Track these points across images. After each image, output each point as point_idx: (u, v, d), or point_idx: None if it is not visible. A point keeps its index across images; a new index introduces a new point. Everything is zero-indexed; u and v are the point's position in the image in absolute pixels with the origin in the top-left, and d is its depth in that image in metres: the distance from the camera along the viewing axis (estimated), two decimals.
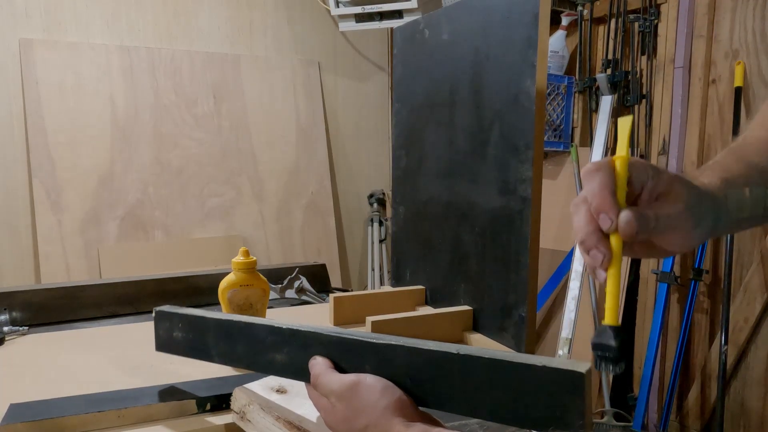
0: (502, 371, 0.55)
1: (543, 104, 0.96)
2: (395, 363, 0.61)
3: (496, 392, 0.55)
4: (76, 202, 2.41)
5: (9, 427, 0.72)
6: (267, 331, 0.70)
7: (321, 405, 0.64)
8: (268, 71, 2.86)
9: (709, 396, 2.24)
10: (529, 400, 0.54)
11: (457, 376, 0.58)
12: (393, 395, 0.60)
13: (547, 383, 0.52)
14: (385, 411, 0.59)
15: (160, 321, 0.83)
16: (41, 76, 2.39)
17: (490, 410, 0.56)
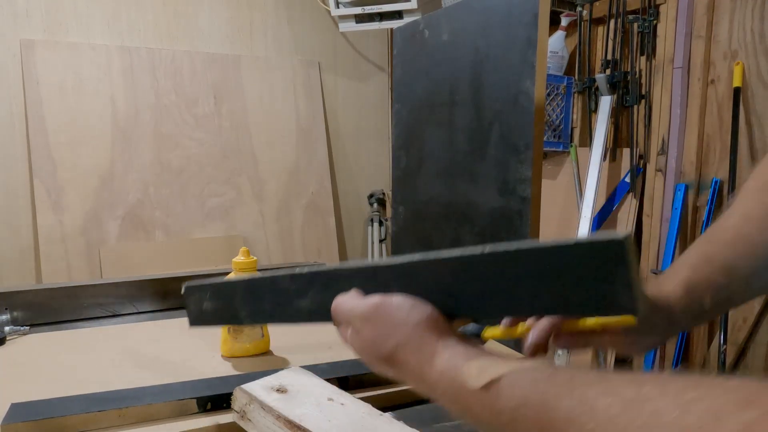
0: (534, 261, 0.50)
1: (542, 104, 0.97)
2: (421, 280, 0.57)
3: (532, 284, 0.51)
4: (76, 202, 2.41)
5: (10, 426, 0.72)
6: (289, 279, 0.68)
7: (347, 335, 0.60)
8: (269, 71, 2.86)
9: None
10: (569, 284, 0.49)
11: (489, 278, 0.53)
12: (424, 311, 0.55)
13: (586, 260, 0.47)
14: (416, 327, 0.54)
15: (190, 295, 0.81)
16: (42, 76, 2.40)
17: (530, 305, 0.52)
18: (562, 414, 0.39)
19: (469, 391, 0.47)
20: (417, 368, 0.53)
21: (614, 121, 2.46)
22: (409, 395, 0.86)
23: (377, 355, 0.57)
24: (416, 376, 0.53)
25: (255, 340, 1.01)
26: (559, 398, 0.40)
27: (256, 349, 1.01)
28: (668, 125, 2.29)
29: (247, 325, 0.76)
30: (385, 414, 0.73)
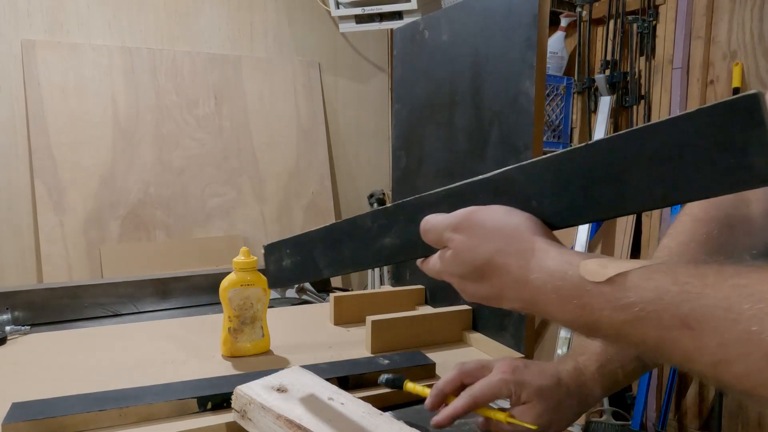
0: (644, 141, 0.43)
1: (542, 105, 0.97)
2: (516, 190, 0.51)
3: (647, 169, 0.44)
4: (78, 202, 2.42)
5: (11, 425, 0.72)
6: (371, 218, 0.64)
7: (436, 259, 0.56)
8: (269, 72, 2.86)
9: (707, 395, 2.25)
10: (693, 159, 0.41)
11: (596, 172, 0.46)
12: (521, 214, 0.50)
13: (711, 127, 0.40)
14: (515, 230, 0.49)
15: (269, 255, 0.80)
16: (43, 76, 2.40)
17: (643, 194, 0.44)
18: (714, 302, 0.37)
19: (590, 286, 0.43)
20: (519, 272, 0.48)
21: (614, 122, 2.46)
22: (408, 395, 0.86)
23: (471, 265, 0.51)
24: (518, 281, 0.48)
25: (255, 340, 1.01)
26: (711, 287, 0.38)
27: (256, 348, 1.01)
28: None
29: (327, 276, 0.74)
30: (385, 413, 0.74)
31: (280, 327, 1.12)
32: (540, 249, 0.47)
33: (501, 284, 0.50)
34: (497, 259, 0.49)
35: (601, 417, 2.34)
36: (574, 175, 0.48)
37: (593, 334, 0.46)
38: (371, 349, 1.03)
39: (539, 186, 0.50)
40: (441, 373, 0.94)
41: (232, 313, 0.99)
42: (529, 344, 1.00)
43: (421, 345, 1.05)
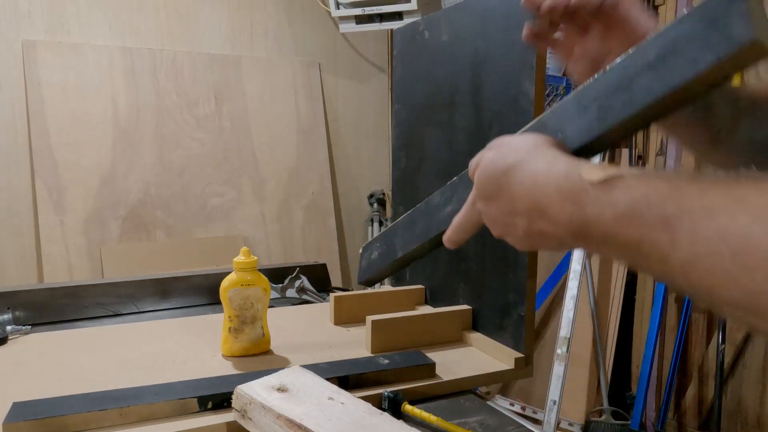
0: (646, 50, 0.49)
1: (542, 105, 0.97)
2: (548, 130, 0.57)
3: (650, 72, 0.48)
4: (78, 202, 2.42)
5: (12, 425, 0.72)
6: (440, 192, 0.70)
7: (471, 192, 0.60)
8: (269, 72, 2.87)
9: (706, 394, 2.25)
10: (686, 47, 0.46)
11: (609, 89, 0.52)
12: (544, 136, 0.55)
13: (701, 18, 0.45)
14: (535, 143, 0.53)
15: (364, 253, 0.86)
16: (44, 77, 2.40)
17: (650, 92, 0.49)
18: (699, 202, 0.38)
19: (588, 186, 0.45)
20: (529, 178, 0.51)
21: None
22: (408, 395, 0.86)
23: (493, 177, 0.54)
24: (527, 187, 0.51)
25: (255, 340, 1.01)
26: (700, 190, 0.38)
27: (256, 348, 1.01)
28: None
29: (400, 260, 0.78)
30: (385, 413, 0.74)
31: (281, 327, 1.12)
32: (552, 155, 0.51)
33: (513, 196, 0.52)
34: (514, 170, 0.52)
35: (601, 417, 2.35)
36: (592, 99, 0.53)
37: (583, 240, 0.47)
38: (371, 348, 1.03)
39: (565, 118, 0.56)
40: (441, 372, 0.94)
41: (232, 313, 1.00)
42: (529, 344, 1.00)
43: (421, 345, 1.06)
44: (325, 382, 0.79)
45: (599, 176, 0.45)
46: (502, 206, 0.54)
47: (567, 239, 0.49)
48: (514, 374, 1.00)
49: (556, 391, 2.20)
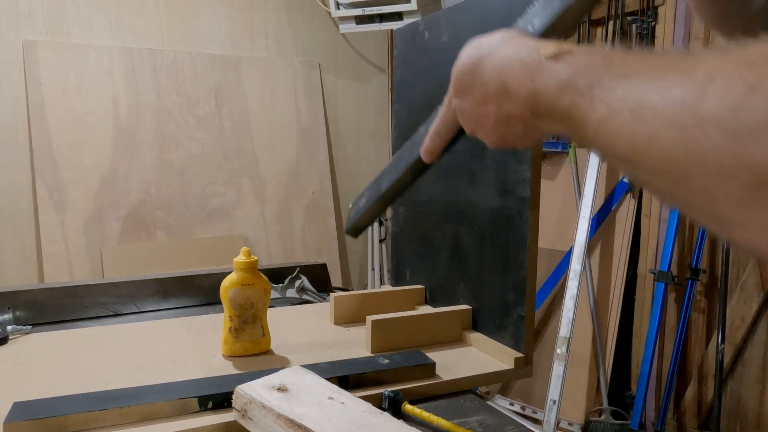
0: None
1: None
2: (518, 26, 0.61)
3: None
4: (79, 202, 2.42)
5: (12, 425, 0.72)
6: (423, 125, 0.73)
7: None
8: (270, 73, 2.87)
9: (706, 394, 2.25)
10: None
11: None
12: (512, 29, 0.57)
13: None
14: (505, 34, 0.55)
15: (353, 206, 0.88)
16: (44, 77, 2.40)
17: None
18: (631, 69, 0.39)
19: (544, 60, 0.47)
20: (500, 60, 0.53)
21: None
22: (408, 394, 0.87)
23: (469, 63, 0.58)
24: (497, 68, 0.53)
25: (255, 340, 1.01)
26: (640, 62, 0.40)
27: (256, 348, 1.02)
28: None
29: (385, 195, 0.81)
30: (385, 413, 0.74)
31: (281, 327, 1.12)
32: (521, 41, 0.53)
33: (484, 80, 0.55)
34: (487, 58, 0.55)
35: (601, 416, 2.35)
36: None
37: (538, 116, 0.50)
38: (371, 348, 1.03)
39: (532, 15, 0.59)
40: (441, 372, 0.94)
41: (232, 313, 1.00)
42: (529, 344, 1.00)
43: (420, 344, 1.06)
44: (326, 382, 0.79)
45: (552, 50, 0.47)
46: (476, 96, 0.57)
47: (528, 117, 0.51)
48: (513, 374, 1.00)
49: (556, 391, 2.20)
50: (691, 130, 0.32)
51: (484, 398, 0.94)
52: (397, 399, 0.83)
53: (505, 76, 0.52)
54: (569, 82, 0.44)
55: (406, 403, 0.82)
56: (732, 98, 0.30)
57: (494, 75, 0.54)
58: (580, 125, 0.43)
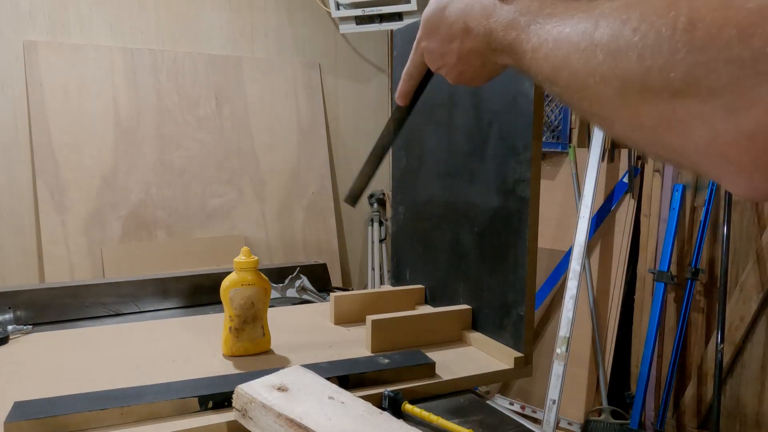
0: None
1: (541, 106, 0.97)
2: None
3: None
4: (79, 202, 2.42)
5: (13, 424, 0.72)
6: None
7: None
8: (270, 73, 2.87)
9: (705, 394, 2.26)
10: None
11: None
12: None
13: None
14: None
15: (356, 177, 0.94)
16: (45, 77, 2.41)
17: None
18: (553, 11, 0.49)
19: (498, 5, 0.57)
20: (464, 4, 0.62)
21: None
22: (408, 394, 0.87)
23: (438, 7, 0.66)
24: (462, 7, 0.62)
25: (256, 339, 1.02)
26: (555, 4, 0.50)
27: (257, 348, 1.02)
28: None
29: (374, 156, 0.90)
30: (385, 412, 0.74)
31: (281, 326, 1.12)
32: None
33: (449, 21, 0.64)
34: (451, 4, 0.64)
35: (600, 416, 2.35)
36: None
37: (491, 45, 0.59)
38: (371, 348, 1.03)
39: None
40: (440, 372, 0.95)
41: (233, 313, 1.00)
42: (529, 344, 1.00)
43: (420, 344, 1.06)
44: (326, 382, 0.80)
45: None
46: (442, 35, 0.66)
47: (485, 51, 0.61)
48: (513, 374, 1.01)
49: (556, 391, 2.20)
50: (587, 51, 0.42)
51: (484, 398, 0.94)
52: (397, 398, 0.83)
53: (467, 18, 0.62)
54: (514, 20, 0.54)
55: (406, 403, 0.82)
56: (612, 28, 0.40)
57: (458, 17, 0.63)
58: (521, 54, 0.53)
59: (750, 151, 0.33)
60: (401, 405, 0.82)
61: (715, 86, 0.33)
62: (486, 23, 0.59)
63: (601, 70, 0.41)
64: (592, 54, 0.42)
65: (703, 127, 0.35)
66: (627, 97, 0.39)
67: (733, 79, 0.32)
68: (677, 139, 0.37)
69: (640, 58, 0.37)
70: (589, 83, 0.42)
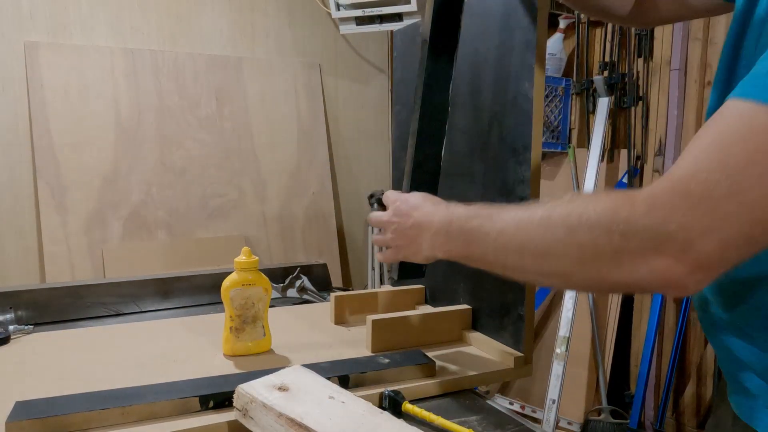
0: None
1: (541, 106, 0.98)
2: None
3: None
4: (80, 202, 2.43)
5: (14, 424, 0.73)
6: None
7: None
8: (270, 74, 2.88)
9: (704, 394, 2.26)
10: None
11: None
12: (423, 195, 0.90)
13: None
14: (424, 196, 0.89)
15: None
16: (46, 78, 2.41)
17: None
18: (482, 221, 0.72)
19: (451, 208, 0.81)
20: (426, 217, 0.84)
21: (612, 123, 2.47)
22: (408, 394, 0.87)
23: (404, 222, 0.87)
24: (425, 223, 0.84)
25: (256, 339, 1.02)
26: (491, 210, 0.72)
27: (257, 347, 1.02)
28: (665, 127, 2.30)
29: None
30: (385, 412, 0.75)
31: (281, 326, 1.13)
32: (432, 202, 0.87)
33: (417, 235, 0.85)
34: (419, 219, 0.85)
35: (600, 415, 2.36)
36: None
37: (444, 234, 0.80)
38: (371, 348, 1.04)
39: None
40: (440, 372, 0.95)
41: (233, 313, 1.00)
42: (528, 343, 1.01)
43: (421, 344, 1.06)
44: (326, 381, 0.80)
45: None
46: (411, 237, 0.86)
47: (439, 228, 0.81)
48: (513, 373, 1.01)
49: (555, 390, 2.21)
50: (548, 231, 0.62)
51: (484, 397, 0.94)
52: (397, 398, 0.83)
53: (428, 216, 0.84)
54: (478, 210, 0.75)
55: (406, 403, 0.83)
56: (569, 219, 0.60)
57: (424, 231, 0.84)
58: (484, 237, 0.71)
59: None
60: (401, 404, 0.83)
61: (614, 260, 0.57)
62: (446, 216, 0.81)
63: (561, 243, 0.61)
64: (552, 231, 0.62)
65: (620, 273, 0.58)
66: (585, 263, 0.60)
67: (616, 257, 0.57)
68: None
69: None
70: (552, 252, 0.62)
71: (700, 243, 0.52)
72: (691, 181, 0.53)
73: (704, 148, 0.54)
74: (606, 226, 0.56)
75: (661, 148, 2.33)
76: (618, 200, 0.57)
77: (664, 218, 0.53)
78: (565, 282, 0.65)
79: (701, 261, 0.52)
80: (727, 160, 0.51)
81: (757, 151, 0.50)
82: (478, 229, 0.72)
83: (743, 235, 0.52)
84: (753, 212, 0.51)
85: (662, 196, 0.54)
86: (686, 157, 0.56)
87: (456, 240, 0.77)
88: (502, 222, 0.69)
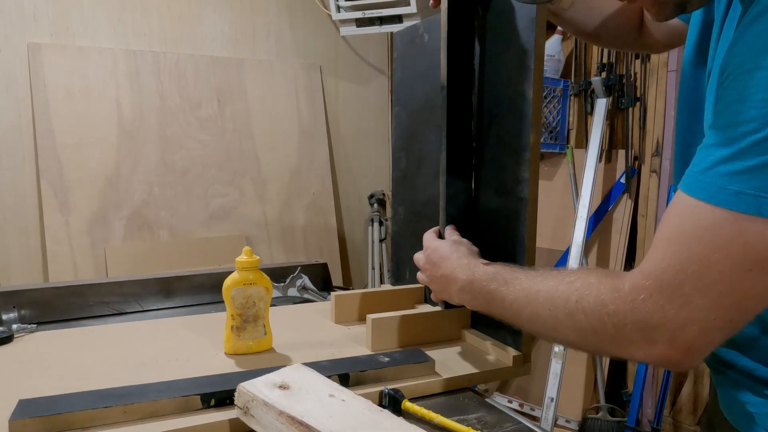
0: None
1: (539, 107, 0.98)
2: None
3: None
4: (83, 202, 2.44)
5: (17, 422, 0.73)
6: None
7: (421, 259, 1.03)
8: (271, 75, 2.88)
9: (702, 392, 2.26)
10: None
11: None
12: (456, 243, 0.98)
13: None
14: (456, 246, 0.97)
15: None
16: (49, 79, 2.42)
17: None
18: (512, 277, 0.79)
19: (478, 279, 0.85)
20: (452, 272, 0.91)
21: (610, 123, 2.48)
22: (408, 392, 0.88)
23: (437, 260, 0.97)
24: (451, 277, 0.91)
25: (257, 338, 1.03)
26: (514, 273, 0.79)
27: (258, 346, 1.03)
28: (663, 127, 2.31)
29: None
30: (385, 410, 0.75)
31: (282, 325, 1.13)
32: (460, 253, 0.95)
33: (447, 285, 0.93)
34: (451, 272, 0.92)
35: (598, 413, 2.36)
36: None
37: (468, 290, 0.87)
38: (372, 346, 1.04)
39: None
40: (440, 370, 0.96)
41: (234, 312, 1.01)
42: (527, 342, 1.01)
43: (420, 343, 1.07)
44: (326, 380, 0.80)
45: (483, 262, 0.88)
46: (442, 285, 0.95)
47: (464, 285, 0.87)
48: (512, 372, 1.01)
49: (554, 389, 2.21)
50: (552, 312, 0.69)
51: (483, 395, 0.95)
52: (396, 396, 0.84)
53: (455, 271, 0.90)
54: (496, 273, 0.81)
55: (406, 401, 0.83)
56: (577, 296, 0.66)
57: (453, 282, 0.90)
58: (499, 304, 0.79)
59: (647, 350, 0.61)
60: (401, 403, 0.83)
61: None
62: (469, 275, 0.86)
63: (570, 319, 0.67)
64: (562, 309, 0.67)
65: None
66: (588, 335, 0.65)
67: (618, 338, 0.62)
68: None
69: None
70: (561, 326, 0.68)
71: (682, 334, 0.57)
72: (662, 277, 0.57)
73: (669, 241, 0.58)
74: (599, 317, 0.62)
75: (659, 148, 2.34)
76: (604, 291, 0.62)
77: (648, 313, 0.58)
78: (576, 350, 0.74)
79: (689, 347, 0.57)
80: (689, 256, 0.56)
81: (713, 251, 0.54)
82: (495, 292, 0.79)
83: (721, 320, 0.55)
84: (722, 303, 0.55)
85: (641, 291, 0.59)
86: (655, 251, 0.60)
87: (478, 299, 0.84)
88: (515, 292, 0.75)
